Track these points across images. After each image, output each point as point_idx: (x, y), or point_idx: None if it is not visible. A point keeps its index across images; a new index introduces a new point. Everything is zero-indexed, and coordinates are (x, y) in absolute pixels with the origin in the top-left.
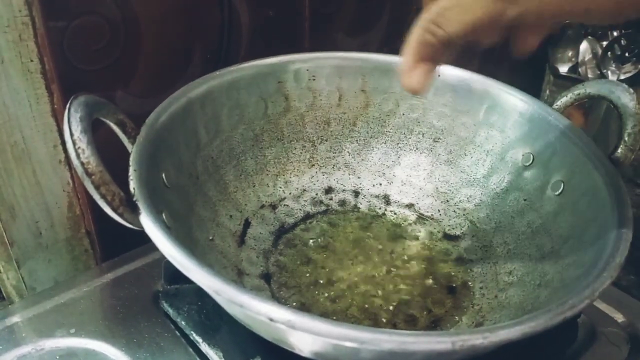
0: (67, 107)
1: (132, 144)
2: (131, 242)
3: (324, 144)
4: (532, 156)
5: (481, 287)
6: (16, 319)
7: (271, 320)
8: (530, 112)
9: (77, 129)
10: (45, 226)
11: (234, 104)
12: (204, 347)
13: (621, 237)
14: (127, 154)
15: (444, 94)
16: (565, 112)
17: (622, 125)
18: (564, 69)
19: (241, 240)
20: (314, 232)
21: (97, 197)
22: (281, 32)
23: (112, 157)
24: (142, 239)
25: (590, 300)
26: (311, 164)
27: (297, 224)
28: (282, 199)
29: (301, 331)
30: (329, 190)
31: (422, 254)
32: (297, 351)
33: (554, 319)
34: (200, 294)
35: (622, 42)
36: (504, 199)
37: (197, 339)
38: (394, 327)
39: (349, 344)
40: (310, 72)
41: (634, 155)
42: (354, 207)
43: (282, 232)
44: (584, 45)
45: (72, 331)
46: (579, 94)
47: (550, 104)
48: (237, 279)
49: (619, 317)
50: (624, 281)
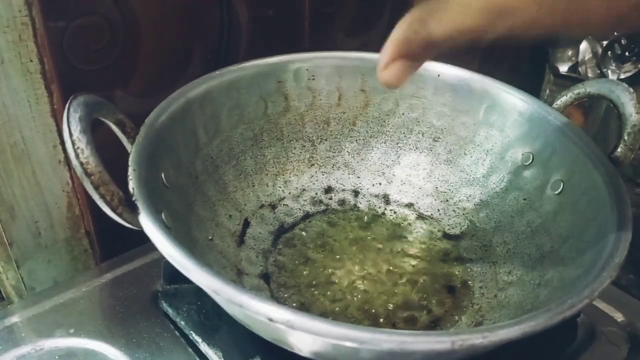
0: (67, 107)
1: (132, 143)
2: (130, 242)
3: (324, 143)
4: (531, 155)
5: (481, 287)
6: (15, 319)
7: (270, 320)
8: (530, 112)
9: (76, 129)
10: (44, 226)
11: (233, 103)
12: (204, 347)
13: (621, 237)
14: (127, 153)
15: (443, 94)
16: (565, 111)
17: (621, 124)
18: (563, 68)
19: (240, 240)
20: (314, 232)
21: (96, 197)
22: (281, 32)
23: (111, 157)
24: (141, 239)
25: (589, 299)
26: (311, 164)
27: (296, 224)
28: (282, 199)
29: (300, 331)
30: (328, 189)
31: (421, 254)
32: (297, 351)
33: (553, 318)
34: (199, 293)
35: (622, 41)
36: (503, 199)
37: (197, 339)
38: (393, 326)
39: (349, 344)
40: (309, 71)
41: (633, 154)
42: (354, 207)
43: (282, 232)
44: (584, 44)
45: (71, 331)
46: (578, 94)
47: (550, 104)
48: (237, 278)
49: (619, 317)
50: (623, 280)
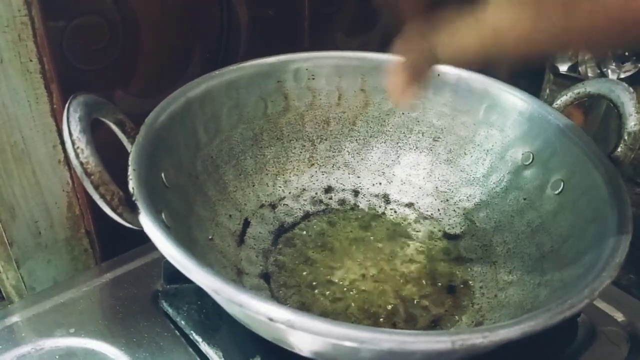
0: (66, 106)
1: (132, 143)
2: (130, 242)
3: (324, 143)
4: (531, 155)
5: (481, 287)
6: (15, 318)
7: (271, 319)
8: (530, 111)
9: (76, 128)
10: (44, 226)
11: (233, 103)
12: (204, 347)
13: (621, 237)
14: (127, 153)
15: (443, 93)
16: (565, 111)
17: (621, 124)
18: (563, 67)
19: (240, 239)
20: (314, 232)
21: (96, 197)
22: (281, 32)
23: (111, 157)
24: (141, 238)
25: (590, 299)
26: (311, 164)
27: (296, 224)
28: (282, 199)
29: (301, 331)
30: (328, 189)
31: (421, 253)
32: (297, 351)
33: (553, 318)
34: (199, 293)
35: None
36: (503, 198)
37: (197, 339)
38: (393, 326)
39: (349, 344)
40: (309, 71)
41: (633, 154)
42: (354, 207)
43: (282, 232)
44: None
45: (71, 331)
46: (578, 93)
47: (550, 103)
48: (237, 278)
49: (619, 316)
50: (623, 280)
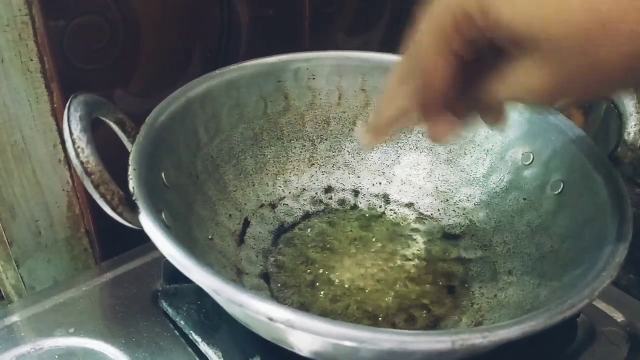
0: (67, 106)
1: (132, 143)
2: (131, 242)
3: (324, 143)
4: (532, 155)
5: (481, 287)
6: (15, 318)
7: (271, 319)
8: (530, 112)
9: (76, 128)
10: (45, 226)
11: (233, 103)
12: (204, 347)
13: (621, 237)
14: (127, 153)
15: None
16: (565, 111)
17: (622, 124)
18: None
19: (241, 239)
20: (314, 232)
21: (96, 197)
22: (281, 32)
23: (111, 157)
24: (141, 238)
25: (590, 300)
26: (311, 164)
27: (296, 224)
28: (282, 199)
29: (301, 331)
30: (328, 189)
31: (421, 254)
32: (297, 351)
33: (553, 318)
34: (199, 293)
35: None
36: (503, 199)
37: (197, 339)
38: (393, 326)
39: (349, 344)
40: (310, 71)
41: (634, 154)
42: (354, 207)
43: (282, 232)
44: None
45: (71, 331)
46: None
47: None
48: (237, 278)
49: (619, 317)
50: (623, 281)
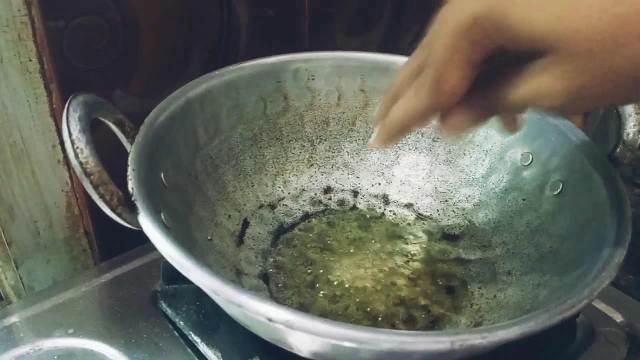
0: (66, 106)
1: (131, 143)
2: (130, 242)
3: (323, 143)
4: (531, 156)
5: (480, 287)
6: (14, 319)
7: (270, 320)
8: (529, 112)
9: (75, 128)
10: (43, 226)
11: (233, 103)
12: (203, 347)
13: (620, 237)
14: (126, 153)
15: None
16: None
17: (621, 124)
18: None
19: (240, 240)
20: (313, 232)
21: (95, 197)
22: (281, 32)
23: (110, 157)
24: (140, 238)
25: (589, 300)
26: (310, 164)
27: (295, 224)
28: (281, 199)
29: (300, 331)
30: (327, 190)
31: (420, 254)
32: (296, 351)
33: (552, 318)
34: (198, 294)
35: None
36: (502, 199)
37: (196, 339)
38: (392, 327)
39: (348, 344)
40: (309, 71)
41: (632, 154)
42: (353, 207)
43: (281, 232)
44: None
45: (70, 331)
46: None
47: None
48: (236, 279)
49: (618, 317)
50: (622, 281)
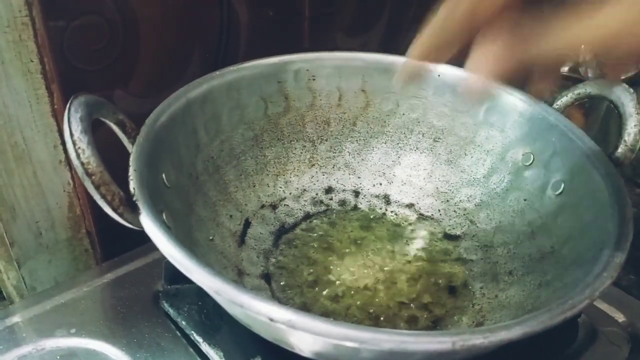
0: (67, 107)
1: (132, 144)
2: (131, 242)
3: (324, 144)
4: (532, 156)
5: (481, 287)
6: (16, 319)
7: (271, 320)
8: (530, 112)
9: (77, 129)
10: (45, 226)
11: (233, 104)
12: (205, 347)
13: (621, 237)
14: (127, 154)
15: (444, 94)
16: (565, 111)
17: (622, 125)
18: (564, 68)
19: (241, 240)
20: (314, 232)
21: (97, 197)
22: (281, 32)
23: (112, 157)
24: (142, 239)
25: (590, 300)
26: (311, 164)
27: (297, 224)
28: (282, 199)
29: (301, 331)
30: (329, 190)
31: (422, 254)
32: (298, 351)
33: (554, 318)
34: (200, 294)
35: None
36: (504, 199)
37: (198, 339)
38: (394, 327)
39: (350, 344)
40: (310, 72)
41: (634, 155)
42: (354, 207)
43: (283, 232)
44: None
45: (72, 331)
46: (579, 94)
47: (550, 104)
48: (238, 279)
49: (620, 317)
50: (624, 281)
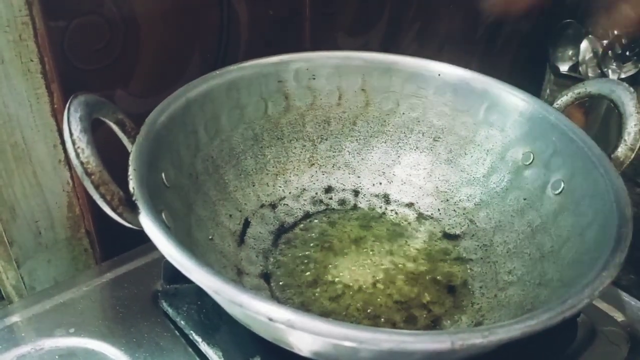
0: (67, 106)
1: (132, 143)
2: (131, 242)
3: (324, 143)
4: (532, 155)
5: (481, 287)
6: (16, 318)
7: (271, 319)
8: (530, 111)
9: (76, 128)
10: (45, 226)
11: (233, 103)
12: (204, 347)
13: (621, 237)
14: (127, 153)
15: (444, 93)
16: (565, 111)
17: (622, 124)
18: (564, 67)
19: (241, 239)
20: (314, 232)
21: (96, 197)
22: (281, 32)
23: (111, 157)
24: (141, 238)
25: (590, 299)
26: (311, 163)
27: (296, 224)
28: (282, 199)
29: (301, 331)
30: (328, 189)
31: (421, 253)
32: (297, 351)
33: (553, 318)
34: (199, 293)
35: (623, 40)
36: (504, 198)
37: (197, 339)
38: (393, 326)
39: (349, 344)
40: (310, 71)
41: (634, 154)
42: (354, 207)
43: (282, 232)
44: (585, 44)
45: (71, 331)
46: (579, 93)
47: (550, 103)
48: (237, 278)
49: (619, 317)
50: (623, 280)
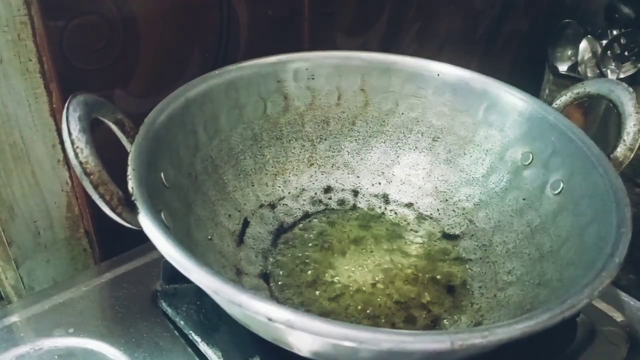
0: (66, 106)
1: (131, 143)
2: (130, 242)
3: (323, 143)
4: (531, 155)
5: (480, 287)
6: (15, 318)
7: (270, 320)
8: (529, 111)
9: (75, 128)
10: (44, 226)
11: (233, 103)
12: (203, 347)
13: (620, 237)
14: (126, 153)
15: (443, 93)
16: (564, 111)
17: (621, 124)
18: (563, 67)
19: (240, 239)
20: (313, 232)
21: (95, 197)
22: (281, 32)
23: (110, 157)
24: (140, 238)
25: (589, 299)
26: (310, 164)
27: (296, 224)
28: (281, 199)
29: (300, 331)
30: (328, 189)
31: (421, 254)
32: (296, 351)
33: (553, 318)
34: (199, 293)
35: (622, 40)
36: (503, 198)
37: (196, 339)
38: (393, 326)
39: (348, 344)
40: (309, 71)
41: (633, 154)
42: (353, 207)
43: (281, 232)
44: (584, 44)
45: (70, 331)
46: (578, 93)
47: (549, 103)
48: (236, 278)
49: (618, 317)
50: (623, 281)
